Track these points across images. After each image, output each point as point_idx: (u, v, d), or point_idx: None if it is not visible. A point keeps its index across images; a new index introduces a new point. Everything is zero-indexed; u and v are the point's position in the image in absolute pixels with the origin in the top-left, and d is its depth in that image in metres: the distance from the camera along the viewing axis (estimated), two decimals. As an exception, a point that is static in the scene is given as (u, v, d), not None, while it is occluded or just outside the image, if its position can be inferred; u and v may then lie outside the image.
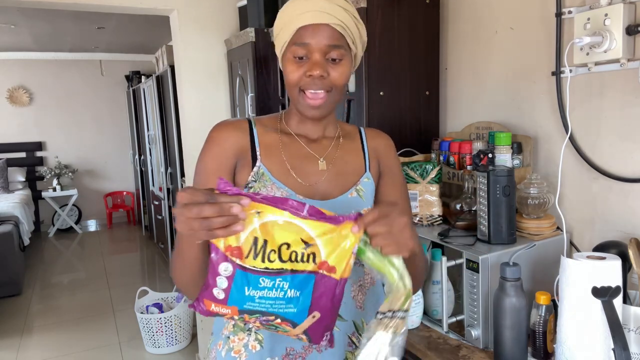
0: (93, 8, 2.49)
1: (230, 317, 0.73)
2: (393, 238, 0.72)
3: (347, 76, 0.91)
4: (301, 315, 0.72)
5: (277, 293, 0.71)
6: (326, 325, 0.74)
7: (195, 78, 2.73)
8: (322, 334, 0.75)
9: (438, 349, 1.24)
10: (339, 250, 0.71)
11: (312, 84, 0.88)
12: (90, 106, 6.86)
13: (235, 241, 0.70)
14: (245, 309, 0.72)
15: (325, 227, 0.70)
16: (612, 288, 0.95)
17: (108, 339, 3.45)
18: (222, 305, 0.72)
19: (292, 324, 0.73)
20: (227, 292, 0.71)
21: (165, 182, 4.57)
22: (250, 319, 0.73)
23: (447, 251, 1.33)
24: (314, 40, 0.87)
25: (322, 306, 0.72)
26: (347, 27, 0.88)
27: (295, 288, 0.71)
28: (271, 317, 0.72)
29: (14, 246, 4.43)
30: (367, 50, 1.65)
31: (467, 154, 1.56)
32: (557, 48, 1.39)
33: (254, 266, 0.70)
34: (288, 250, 0.70)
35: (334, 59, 0.88)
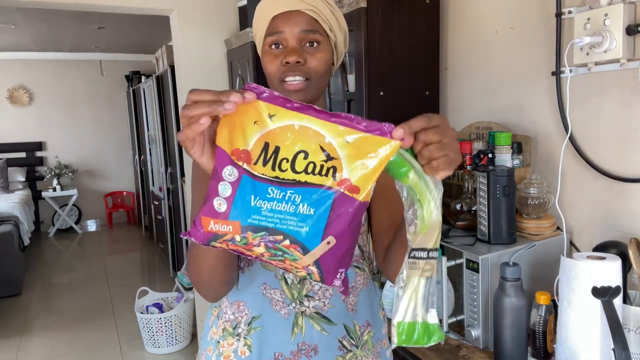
0: (93, 8, 2.49)
1: (231, 238, 0.63)
2: (445, 149, 0.61)
3: (325, 62, 0.88)
4: (314, 238, 0.61)
5: (287, 207, 0.61)
6: (341, 257, 0.64)
7: (195, 78, 2.73)
8: (335, 269, 0.64)
9: (438, 349, 1.24)
10: (365, 167, 0.60)
11: (289, 71, 0.85)
12: (90, 106, 6.86)
13: (243, 143, 0.61)
14: (249, 224, 0.61)
15: (348, 131, 0.60)
16: (612, 288, 0.95)
17: (108, 339, 3.45)
18: (222, 222, 0.62)
19: (303, 249, 0.62)
20: (230, 201, 0.61)
21: (165, 182, 4.57)
22: (255, 238, 0.62)
23: (447, 251, 1.33)
24: (288, 28, 0.85)
25: (340, 231, 0.62)
26: (320, 12, 0.86)
27: (309, 204, 0.61)
28: (279, 237, 0.61)
29: (14, 246, 4.43)
30: (367, 50, 1.65)
31: (467, 154, 1.56)
32: (557, 48, 1.39)
33: (262, 174, 0.61)
34: (305, 160, 0.61)
35: (311, 44, 0.86)
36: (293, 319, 0.92)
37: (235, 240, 0.63)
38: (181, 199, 4.02)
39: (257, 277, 0.92)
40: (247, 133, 0.61)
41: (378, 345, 1.00)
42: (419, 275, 0.64)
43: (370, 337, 0.98)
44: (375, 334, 0.99)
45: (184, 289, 3.53)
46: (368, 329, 0.98)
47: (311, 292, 0.93)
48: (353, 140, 0.60)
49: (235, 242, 0.63)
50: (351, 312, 0.95)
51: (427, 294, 0.64)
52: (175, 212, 4.38)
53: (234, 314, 0.94)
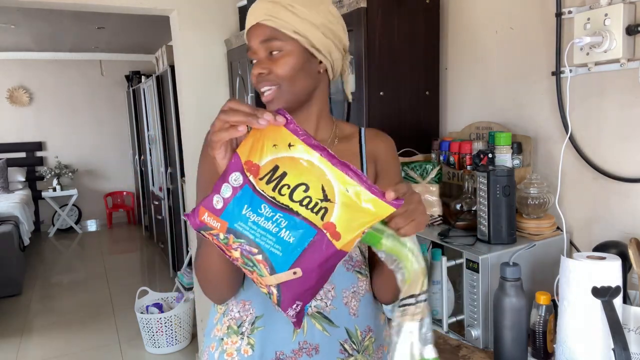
0: (93, 8, 2.49)
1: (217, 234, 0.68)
2: (411, 216, 0.69)
3: (291, 67, 0.88)
4: (284, 264, 0.66)
5: (271, 226, 0.66)
6: (303, 291, 0.68)
7: (195, 78, 2.73)
8: (293, 299, 0.68)
9: (438, 349, 1.23)
10: (354, 220, 0.66)
11: (260, 82, 0.90)
12: (90, 106, 6.86)
13: (257, 158, 0.67)
14: (234, 228, 0.67)
15: (351, 184, 0.65)
16: (612, 288, 0.95)
17: (108, 339, 3.45)
18: (214, 217, 0.68)
19: (270, 269, 0.67)
20: (226, 202, 0.67)
21: (165, 182, 4.57)
22: (234, 242, 0.68)
23: (447, 251, 1.33)
24: (253, 42, 0.89)
25: (309, 267, 0.66)
26: (278, 19, 0.86)
27: (291, 232, 0.66)
28: (254, 250, 0.67)
29: (14, 246, 4.43)
30: (367, 50, 1.65)
31: (467, 154, 1.56)
32: (557, 48, 1.39)
33: (263, 190, 0.67)
34: (304, 193, 0.66)
35: (272, 52, 0.88)
36: None
37: (219, 237, 0.69)
38: (181, 199, 4.02)
39: None
40: (264, 151, 0.67)
41: (379, 351, 1.00)
42: (411, 320, 0.69)
43: (372, 343, 0.98)
44: (376, 339, 0.99)
45: (184, 289, 3.53)
46: (369, 335, 0.98)
47: None
48: (353, 193, 0.65)
49: (218, 239, 0.69)
50: (353, 316, 0.95)
51: (421, 334, 0.69)
52: (175, 212, 4.38)
53: (240, 312, 0.95)
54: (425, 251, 1.47)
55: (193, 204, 3.08)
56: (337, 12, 0.93)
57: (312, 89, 0.93)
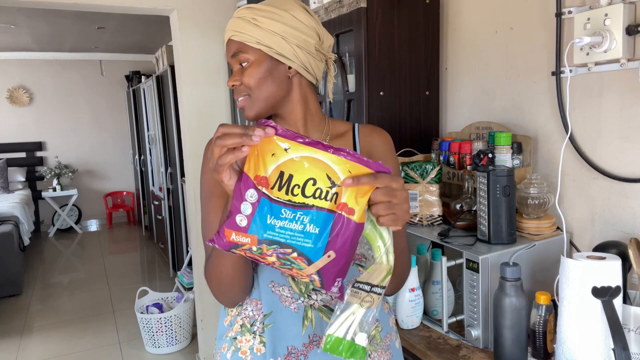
0: (93, 8, 2.49)
1: (249, 248, 0.74)
2: (393, 209, 0.73)
3: (256, 75, 0.94)
4: (317, 252, 0.73)
5: (296, 226, 0.72)
6: (340, 268, 0.74)
7: (195, 78, 2.73)
8: (334, 278, 0.75)
9: (438, 349, 1.25)
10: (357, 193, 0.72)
11: (235, 93, 0.97)
12: (90, 106, 6.86)
13: (263, 171, 0.72)
14: (264, 239, 0.73)
15: (349, 164, 0.72)
16: (612, 288, 0.95)
17: (108, 339, 3.45)
18: (242, 234, 0.73)
19: (307, 261, 0.73)
20: (250, 219, 0.72)
21: (165, 182, 4.57)
22: (268, 250, 0.73)
23: (447, 251, 1.33)
24: (227, 58, 0.97)
25: (338, 247, 0.73)
26: (241, 32, 0.93)
27: (314, 224, 0.72)
28: (288, 250, 0.73)
29: (14, 246, 4.43)
30: (367, 50, 1.65)
31: (467, 154, 1.56)
32: (557, 48, 1.39)
33: (278, 197, 0.72)
34: (314, 187, 0.72)
35: (241, 65, 0.95)
36: (303, 313, 0.95)
37: (252, 250, 0.74)
38: (181, 199, 4.02)
39: (265, 276, 0.96)
40: (266, 162, 0.72)
41: (387, 339, 1.03)
42: (358, 303, 0.76)
43: (378, 332, 1.01)
44: (383, 328, 1.02)
45: (184, 289, 3.53)
46: (375, 324, 1.01)
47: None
48: (354, 172, 0.72)
49: (252, 251, 0.74)
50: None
51: (363, 320, 0.76)
52: (175, 212, 4.38)
53: (253, 311, 0.97)
54: (425, 251, 1.47)
55: (193, 204, 3.05)
56: (305, 17, 0.96)
57: (284, 93, 0.97)
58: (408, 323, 1.35)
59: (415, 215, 1.52)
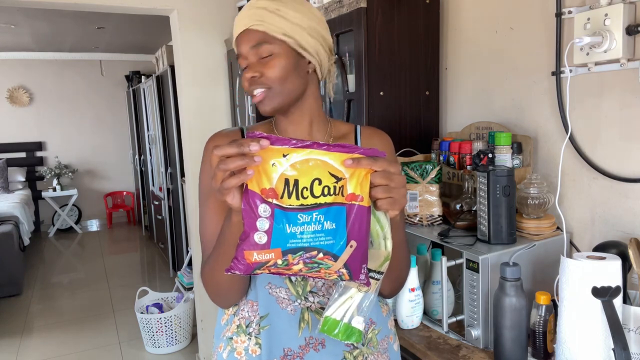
0: (93, 8, 2.49)
1: (274, 263, 0.73)
2: (390, 193, 0.75)
3: (283, 67, 0.90)
4: (341, 246, 0.74)
5: (316, 226, 0.73)
6: (362, 254, 0.75)
7: (195, 78, 2.73)
8: (360, 266, 0.75)
9: (438, 349, 1.24)
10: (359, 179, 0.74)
11: (252, 86, 0.92)
12: (90, 106, 6.86)
13: (268, 183, 0.72)
14: (288, 248, 0.73)
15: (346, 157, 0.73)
16: (612, 288, 0.95)
17: (108, 339, 3.45)
18: (265, 251, 0.72)
19: (334, 257, 0.74)
20: (270, 233, 0.72)
21: (165, 182, 4.57)
22: (294, 259, 0.73)
23: (447, 251, 1.33)
24: (242, 48, 0.91)
25: (357, 234, 0.74)
26: (266, 23, 0.89)
27: (331, 220, 0.73)
28: (314, 252, 0.73)
29: (14, 246, 4.43)
30: (367, 50, 1.65)
31: (467, 154, 1.56)
32: (557, 48, 1.39)
33: (290, 205, 0.73)
34: (320, 186, 0.73)
35: (263, 57, 0.90)
36: (299, 315, 0.94)
37: (277, 265, 0.74)
38: (181, 199, 4.02)
39: (262, 277, 0.95)
40: (269, 174, 0.72)
41: (384, 342, 1.02)
42: (356, 287, 0.78)
43: (375, 335, 1.00)
44: (380, 331, 1.01)
45: (184, 289, 3.53)
46: (372, 327, 1.00)
47: (315, 288, 0.96)
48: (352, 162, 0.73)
49: (277, 266, 0.74)
50: None
51: (361, 304, 0.78)
52: (175, 212, 4.38)
53: (248, 312, 0.97)
54: (425, 251, 1.47)
55: (193, 204, 3.05)
56: (320, 14, 0.96)
57: (303, 89, 0.95)
58: (408, 323, 1.35)
59: (415, 215, 1.52)
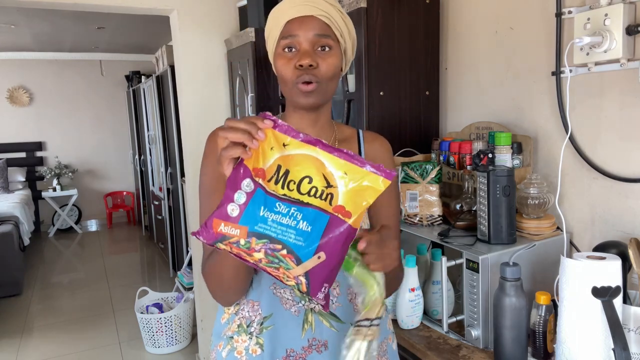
0: (93, 8, 2.49)
1: (237, 241, 0.71)
2: (382, 259, 0.78)
3: (335, 67, 0.91)
4: (308, 252, 0.71)
5: (289, 221, 0.71)
6: (328, 273, 0.72)
7: (195, 78, 2.73)
8: (321, 282, 0.72)
9: (438, 349, 1.24)
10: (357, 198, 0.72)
11: (303, 75, 0.89)
12: (90, 106, 6.86)
13: (262, 163, 0.72)
14: (255, 231, 0.70)
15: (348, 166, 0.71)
16: (612, 288, 0.95)
17: (108, 339, 3.45)
18: (232, 225, 0.70)
19: (297, 260, 0.71)
20: (243, 208, 0.71)
21: (165, 182, 4.57)
22: (257, 244, 0.71)
23: (447, 251, 1.33)
24: (302, 32, 0.88)
25: (330, 249, 0.71)
26: (332, 18, 0.90)
27: (308, 222, 0.71)
28: (278, 246, 0.71)
29: (14, 246, 4.43)
30: (367, 50, 1.65)
31: (467, 154, 1.56)
32: (557, 48, 1.39)
33: (274, 190, 0.72)
34: (309, 185, 0.72)
35: (322, 47, 0.89)
36: (303, 316, 0.95)
37: (239, 244, 0.71)
38: (181, 199, 4.02)
39: (268, 277, 0.95)
40: (265, 156, 0.72)
41: (384, 344, 1.03)
42: (362, 339, 0.78)
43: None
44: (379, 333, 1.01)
45: (184, 289, 3.53)
46: None
47: None
48: (350, 174, 0.71)
49: (239, 245, 0.71)
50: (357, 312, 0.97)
51: (368, 353, 0.78)
52: (175, 212, 4.38)
53: (249, 312, 0.97)
54: (425, 251, 1.47)
55: (193, 204, 3.04)
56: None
57: (334, 93, 0.97)
58: (408, 323, 1.35)
59: (415, 215, 1.52)
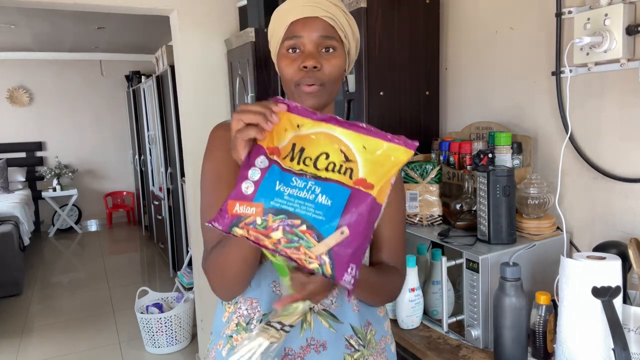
0: (93, 8, 2.49)
1: (253, 221, 0.68)
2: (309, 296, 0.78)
3: (339, 68, 0.91)
4: (329, 227, 0.66)
5: (307, 195, 0.68)
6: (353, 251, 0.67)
7: (195, 78, 2.73)
8: (347, 263, 0.66)
9: (438, 349, 1.24)
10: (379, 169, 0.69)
11: (306, 77, 0.88)
12: (90, 106, 6.86)
13: (277, 142, 0.71)
14: (271, 207, 0.68)
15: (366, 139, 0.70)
16: (612, 288, 0.95)
17: (108, 339, 3.45)
18: (247, 203, 0.68)
19: (318, 236, 0.66)
20: (257, 184, 0.69)
21: (165, 182, 4.57)
22: (274, 221, 0.67)
23: (447, 251, 1.33)
24: (306, 32, 0.88)
25: (354, 223, 0.67)
26: (337, 20, 0.89)
27: (327, 195, 0.68)
28: (297, 222, 0.67)
29: (14, 246, 4.43)
30: (367, 50, 1.65)
31: (467, 154, 1.56)
32: (557, 48, 1.39)
33: (289, 167, 0.70)
34: (326, 160, 0.70)
35: (327, 49, 0.89)
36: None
37: (256, 224, 0.68)
38: (181, 199, 4.02)
39: (268, 275, 0.95)
40: (280, 136, 0.72)
41: (382, 342, 1.03)
42: (267, 338, 0.79)
43: (373, 336, 1.00)
44: (377, 331, 1.02)
45: (184, 289, 3.53)
46: (369, 328, 1.00)
47: None
48: (369, 147, 0.69)
49: (255, 226, 0.68)
50: (356, 312, 0.98)
51: (265, 352, 0.79)
52: (175, 212, 4.38)
53: (247, 309, 0.96)
54: (425, 251, 1.47)
55: (193, 204, 3.03)
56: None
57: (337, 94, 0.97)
58: (408, 323, 1.35)
59: (415, 215, 1.52)
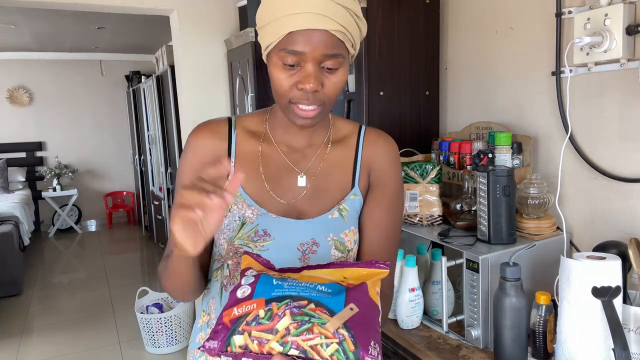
0: (93, 8, 2.49)
1: (255, 315, 0.63)
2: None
3: (341, 87, 0.80)
4: (338, 299, 0.63)
5: (307, 285, 0.66)
6: (370, 326, 0.62)
7: (195, 78, 2.73)
8: (368, 337, 0.60)
9: (438, 349, 1.24)
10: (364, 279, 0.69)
11: (304, 98, 0.77)
12: (90, 106, 6.85)
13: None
14: (273, 297, 0.64)
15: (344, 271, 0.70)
16: (612, 288, 0.95)
17: (108, 339, 3.45)
18: (246, 303, 0.64)
19: (329, 311, 0.61)
20: (254, 286, 0.66)
21: (165, 182, 4.57)
22: (279, 308, 0.62)
23: (447, 251, 1.33)
24: (308, 49, 0.74)
25: (359, 300, 0.63)
26: (347, 31, 0.76)
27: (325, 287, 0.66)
28: (303, 302, 0.62)
29: (14, 246, 4.42)
30: (367, 50, 1.65)
31: (467, 154, 1.56)
32: (557, 48, 1.39)
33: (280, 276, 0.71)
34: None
35: (329, 68, 0.77)
36: None
37: (259, 318, 0.62)
38: (181, 199, 4.01)
39: None
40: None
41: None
42: None
43: None
44: None
45: (184, 289, 3.52)
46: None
47: None
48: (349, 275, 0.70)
49: (259, 321, 0.62)
50: None
51: None
52: (175, 212, 4.37)
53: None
54: (425, 251, 1.47)
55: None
56: None
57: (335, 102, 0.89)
58: (408, 323, 1.34)
59: (415, 215, 1.52)
